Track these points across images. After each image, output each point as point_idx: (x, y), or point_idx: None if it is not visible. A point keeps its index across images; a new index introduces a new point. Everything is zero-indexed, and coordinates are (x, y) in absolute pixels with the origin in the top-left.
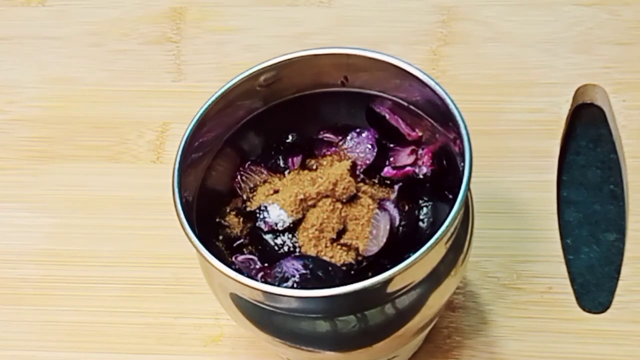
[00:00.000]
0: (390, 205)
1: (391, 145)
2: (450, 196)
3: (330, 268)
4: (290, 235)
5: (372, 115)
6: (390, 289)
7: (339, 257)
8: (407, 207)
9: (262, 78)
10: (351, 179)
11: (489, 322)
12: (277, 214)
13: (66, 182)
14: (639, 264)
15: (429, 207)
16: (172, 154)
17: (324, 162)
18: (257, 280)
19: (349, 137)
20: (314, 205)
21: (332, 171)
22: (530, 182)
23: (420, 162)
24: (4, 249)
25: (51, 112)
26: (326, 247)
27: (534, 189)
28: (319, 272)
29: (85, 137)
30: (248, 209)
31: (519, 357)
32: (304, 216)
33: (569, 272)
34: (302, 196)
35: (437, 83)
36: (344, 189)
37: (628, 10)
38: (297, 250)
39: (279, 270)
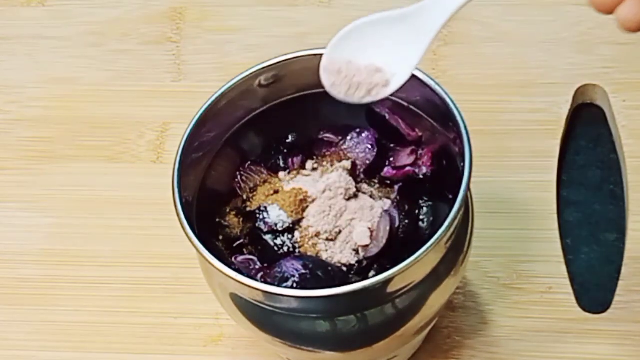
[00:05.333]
0: (390, 206)
1: (391, 145)
2: (450, 196)
3: (330, 268)
4: (290, 236)
5: (372, 115)
6: (390, 289)
7: (339, 257)
8: (407, 207)
9: (262, 78)
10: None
11: (489, 322)
12: (276, 215)
13: (66, 182)
14: (639, 264)
15: (429, 207)
16: (172, 154)
17: (324, 162)
18: (257, 280)
19: (349, 137)
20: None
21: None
22: (530, 182)
23: (420, 162)
24: (4, 249)
25: (51, 112)
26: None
27: (534, 189)
28: (318, 272)
29: (85, 137)
30: (248, 209)
31: (519, 357)
32: (303, 216)
33: (569, 272)
34: (301, 196)
35: (437, 83)
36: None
37: None
38: (297, 250)
39: (279, 270)
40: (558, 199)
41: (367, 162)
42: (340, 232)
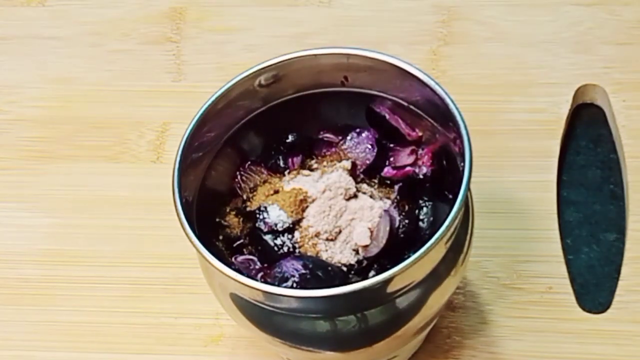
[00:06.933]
0: (390, 206)
1: (391, 145)
2: (450, 196)
3: (330, 268)
4: (290, 236)
5: (372, 115)
6: (390, 289)
7: (339, 257)
8: (407, 207)
9: (262, 78)
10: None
11: (489, 322)
12: (276, 215)
13: (66, 182)
14: (639, 264)
15: (429, 207)
16: (172, 154)
17: (324, 162)
18: (257, 280)
19: (349, 137)
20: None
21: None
22: (530, 182)
23: (420, 162)
24: (4, 249)
25: (51, 112)
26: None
27: (534, 189)
28: (318, 272)
29: (85, 137)
30: (248, 209)
31: (519, 357)
32: (303, 216)
33: (569, 272)
34: (301, 196)
35: (437, 83)
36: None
37: (628, 10)
38: (297, 250)
39: (279, 270)
40: (558, 199)
41: (367, 162)
42: (340, 232)
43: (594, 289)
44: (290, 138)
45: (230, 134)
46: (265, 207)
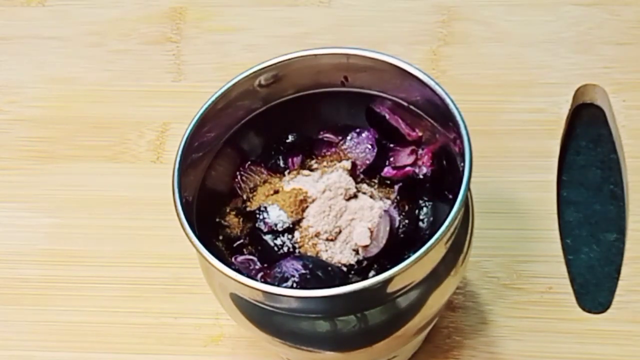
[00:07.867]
0: (390, 206)
1: (391, 145)
2: (450, 196)
3: (330, 268)
4: (290, 236)
5: (372, 115)
6: (390, 289)
7: (339, 257)
8: (407, 207)
9: (262, 78)
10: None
11: (489, 322)
12: (276, 215)
13: (66, 182)
14: (639, 264)
15: (429, 207)
16: (172, 154)
17: (324, 162)
18: (257, 280)
19: (349, 137)
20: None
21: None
22: (530, 182)
23: (420, 162)
24: (4, 249)
25: (51, 112)
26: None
27: (534, 189)
28: (318, 272)
29: (85, 137)
30: (248, 209)
31: (519, 357)
32: (303, 216)
33: (569, 272)
34: (301, 197)
35: (437, 83)
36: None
37: (628, 10)
38: (297, 250)
39: (279, 270)
40: (558, 199)
41: (367, 162)
42: (340, 232)
43: (594, 289)
44: (290, 138)
45: (230, 134)
46: (265, 207)
